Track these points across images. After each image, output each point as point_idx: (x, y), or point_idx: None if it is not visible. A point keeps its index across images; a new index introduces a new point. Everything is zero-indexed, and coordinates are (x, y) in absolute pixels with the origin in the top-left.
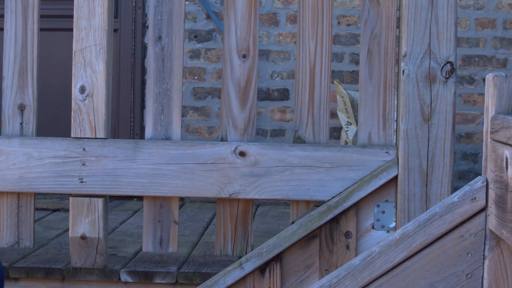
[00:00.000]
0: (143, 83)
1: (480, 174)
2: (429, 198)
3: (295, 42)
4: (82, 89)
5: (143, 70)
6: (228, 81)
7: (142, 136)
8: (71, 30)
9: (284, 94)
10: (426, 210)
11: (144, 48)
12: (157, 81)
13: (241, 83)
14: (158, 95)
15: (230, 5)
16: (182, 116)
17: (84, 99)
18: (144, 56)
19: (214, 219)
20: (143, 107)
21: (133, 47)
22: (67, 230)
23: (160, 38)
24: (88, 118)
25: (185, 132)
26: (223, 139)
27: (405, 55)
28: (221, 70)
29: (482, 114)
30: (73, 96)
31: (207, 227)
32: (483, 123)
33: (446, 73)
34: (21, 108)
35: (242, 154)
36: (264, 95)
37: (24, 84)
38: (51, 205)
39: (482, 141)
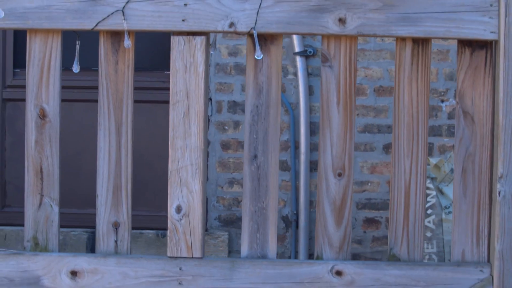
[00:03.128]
0: None
1: None
2: None
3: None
4: (178, 209)
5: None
6: (324, 199)
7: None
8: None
9: None
10: None
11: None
12: (252, 199)
13: (336, 202)
14: (254, 213)
15: (326, 124)
16: None
17: (181, 219)
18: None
19: None
20: None
21: None
22: None
23: (255, 156)
24: (184, 238)
25: None
26: (318, 257)
27: (501, 177)
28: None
29: None
30: (169, 215)
31: None
32: None
33: None
34: (116, 226)
35: (338, 273)
36: None
37: (118, 202)
38: None
39: None
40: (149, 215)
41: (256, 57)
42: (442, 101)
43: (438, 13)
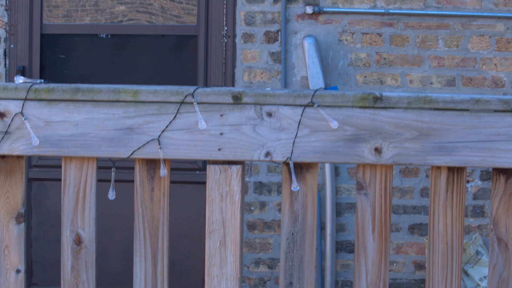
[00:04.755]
0: None
1: None
2: None
3: None
4: None
5: None
6: None
7: None
8: None
9: None
10: None
11: None
12: None
13: None
14: None
15: (361, 250)
16: None
17: None
18: None
19: None
20: None
21: None
22: None
23: (291, 283)
24: None
25: None
26: None
27: None
28: None
29: None
30: None
31: None
32: None
33: None
34: None
35: None
36: None
37: None
38: None
39: None
40: None
41: (292, 189)
42: (468, 181)
43: (474, 142)
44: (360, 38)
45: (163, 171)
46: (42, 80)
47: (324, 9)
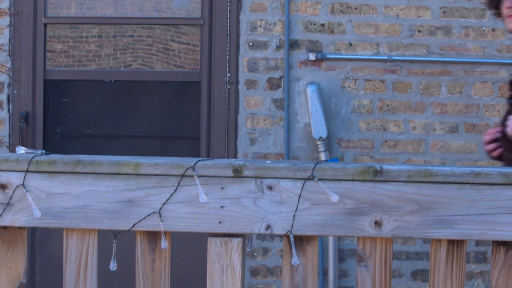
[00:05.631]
0: None
1: None
2: None
3: None
4: None
5: None
6: None
7: None
8: None
9: None
10: None
11: None
12: None
13: None
14: None
15: None
16: None
17: None
18: None
19: None
20: None
21: None
22: None
23: None
24: None
25: None
26: None
27: None
28: None
29: None
30: None
31: None
32: None
33: None
34: None
35: None
36: None
37: None
38: None
39: None
40: None
41: (292, 263)
42: None
43: (474, 215)
44: (363, 84)
45: (164, 243)
46: (44, 151)
47: (327, 56)
